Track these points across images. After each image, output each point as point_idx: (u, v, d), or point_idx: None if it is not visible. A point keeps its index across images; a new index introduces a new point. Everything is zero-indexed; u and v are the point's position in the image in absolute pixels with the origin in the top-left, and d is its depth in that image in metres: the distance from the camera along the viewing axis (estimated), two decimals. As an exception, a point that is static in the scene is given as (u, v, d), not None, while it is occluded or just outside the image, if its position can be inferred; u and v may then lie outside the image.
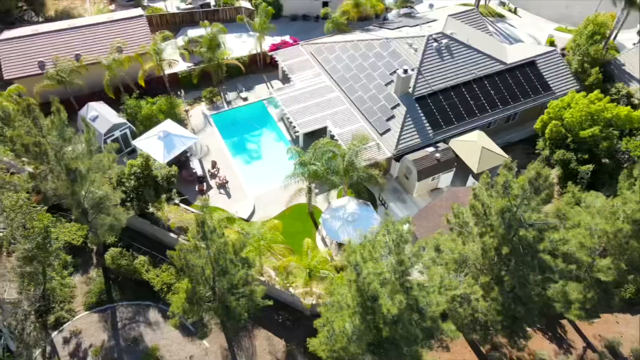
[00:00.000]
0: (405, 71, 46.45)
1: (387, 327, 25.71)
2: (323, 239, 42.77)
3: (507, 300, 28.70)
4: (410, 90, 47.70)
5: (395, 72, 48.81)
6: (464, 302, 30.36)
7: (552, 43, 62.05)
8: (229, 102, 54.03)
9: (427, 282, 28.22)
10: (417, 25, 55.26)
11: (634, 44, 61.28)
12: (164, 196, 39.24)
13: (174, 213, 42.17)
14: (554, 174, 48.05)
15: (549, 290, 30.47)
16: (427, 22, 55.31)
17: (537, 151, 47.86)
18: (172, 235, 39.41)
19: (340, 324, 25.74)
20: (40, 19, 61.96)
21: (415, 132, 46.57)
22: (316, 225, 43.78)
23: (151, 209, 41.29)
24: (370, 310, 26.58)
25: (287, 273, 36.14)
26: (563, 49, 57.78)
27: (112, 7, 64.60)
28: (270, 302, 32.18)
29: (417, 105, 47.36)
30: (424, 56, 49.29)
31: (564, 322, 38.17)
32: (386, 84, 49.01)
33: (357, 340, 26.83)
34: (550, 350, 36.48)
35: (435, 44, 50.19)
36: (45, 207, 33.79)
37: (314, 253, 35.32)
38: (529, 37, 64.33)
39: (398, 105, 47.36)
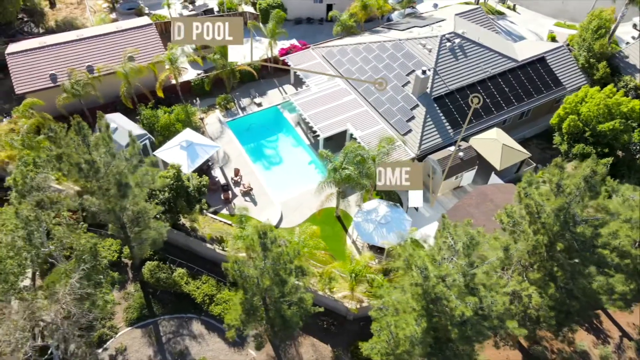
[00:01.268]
0: (424, 72, 46.87)
1: (455, 328, 26.10)
2: (354, 242, 42.91)
3: (562, 295, 29.29)
4: (428, 90, 48.19)
5: (411, 73, 49.33)
6: (515, 299, 30.88)
7: (553, 39, 63.33)
8: (243, 108, 53.77)
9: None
10: (427, 25, 55.73)
11: (633, 37, 62.87)
12: (197, 207, 38.89)
13: (202, 223, 41.90)
14: (570, 167, 49.14)
15: (593, 284, 31.18)
16: (437, 22, 55.81)
17: (554, 145, 48.78)
18: (207, 245, 39.11)
19: (412, 328, 25.89)
20: (41, 30, 60.68)
21: (436, 132, 47.07)
22: (345, 228, 43.92)
23: (182, 220, 41.05)
24: (436, 312, 27.00)
25: (330, 279, 36.18)
26: (568, 45, 58.85)
27: (113, 15, 63.61)
28: (321, 309, 32.32)
29: (435, 105, 47.87)
30: (439, 56, 49.79)
31: (598, 312, 39.01)
32: (403, 85, 49.40)
33: (421, 343, 27.09)
34: (589, 341, 37.34)
35: (448, 44, 50.74)
36: (86, 225, 33.22)
37: (359, 259, 35.43)
38: (530, 34, 65.44)
39: (417, 106, 47.78)
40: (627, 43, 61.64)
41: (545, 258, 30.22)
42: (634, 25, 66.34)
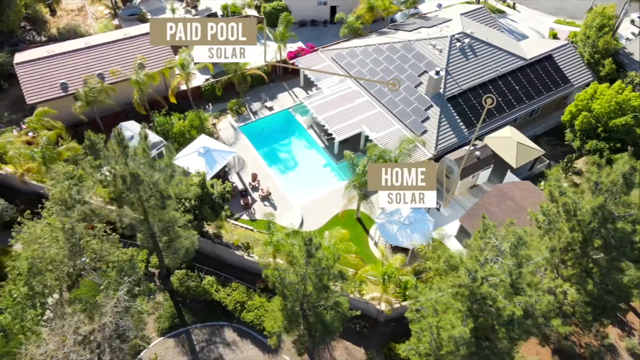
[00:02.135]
0: (438, 72, 47.24)
1: (502, 328, 26.46)
2: (375, 244, 43.12)
3: (599, 291, 29.80)
4: (441, 90, 48.57)
5: (423, 73, 49.69)
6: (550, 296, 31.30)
7: (555, 36, 64.24)
8: (254, 113, 53.68)
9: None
10: (434, 25, 56.12)
11: (633, 33, 63.99)
12: (223, 214, 38.78)
13: (227, 230, 41.79)
14: (582, 162, 49.97)
15: (624, 278, 31.74)
16: (444, 22, 56.21)
17: (566, 142, 49.48)
18: (236, 252, 39.02)
19: (460, 329, 26.12)
20: (43, 38, 59.90)
21: (451, 132, 47.48)
22: (366, 230, 44.12)
23: (205, 228, 40.90)
24: (481, 313, 27.31)
25: (361, 281, 36.33)
26: (572, 42, 59.68)
27: (116, 22, 63.01)
28: (358, 312, 32.45)
29: (449, 105, 48.29)
30: (450, 56, 50.22)
31: (621, 305, 39.72)
32: (415, 86, 49.72)
33: (467, 344, 27.34)
34: (614, 333, 37.99)
35: (458, 44, 51.19)
36: (118, 236, 32.96)
37: (390, 261, 35.62)
38: (532, 32, 66.22)
39: (431, 106, 48.15)
40: (627, 39, 62.71)
41: (579, 255, 30.72)
42: (632, 21, 67.49)
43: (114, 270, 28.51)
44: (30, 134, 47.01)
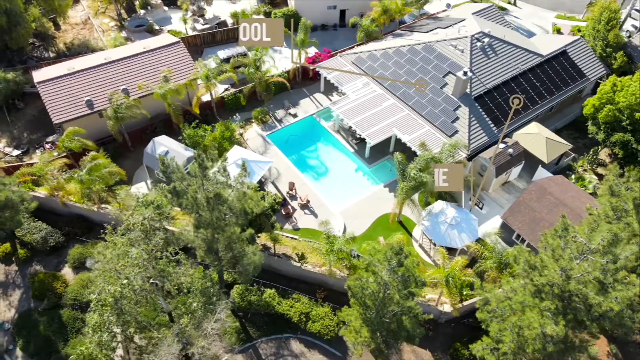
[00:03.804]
0: (465, 73, 47.93)
1: (594, 323, 27.20)
2: (421, 246, 43.58)
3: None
4: (467, 90, 49.29)
5: (447, 74, 50.35)
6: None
7: (558, 31, 65.85)
8: (279, 120, 53.45)
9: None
10: (450, 26, 56.81)
11: (634, 26, 65.99)
12: (278, 225, 38.60)
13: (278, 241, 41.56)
14: (604, 154, 51.49)
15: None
16: (459, 22, 56.94)
17: (589, 135, 50.83)
18: (294, 263, 38.87)
19: (553, 327, 26.69)
20: (51, 54, 58.31)
21: (482, 131, 48.25)
22: (409, 233, 44.52)
23: (257, 240, 40.61)
24: (568, 309, 28.00)
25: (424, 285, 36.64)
26: (582, 37, 61.19)
27: (124, 34, 61.76)
28: (431, 316, 32.79)
29: (476, 104, 49.05)
30: (472, 56, 51.00)
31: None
32: (441, 87, 50.33)
33: (554, 342, 27.98)
34: (663, 319, 39.31)
35: (479, 44, 52.00)
36: (185, 255, 32.45)
37: (454, 263, 36.07)
38: (536, 28, 67.67)
39: (460, 106, 48.82)
40: (627, 31, 64.64)
41: (643, 246, 31.74)
42: (629, 14, 69.54)
43: (198, 293, 28.09)
44: (55, 154, 45.95)
